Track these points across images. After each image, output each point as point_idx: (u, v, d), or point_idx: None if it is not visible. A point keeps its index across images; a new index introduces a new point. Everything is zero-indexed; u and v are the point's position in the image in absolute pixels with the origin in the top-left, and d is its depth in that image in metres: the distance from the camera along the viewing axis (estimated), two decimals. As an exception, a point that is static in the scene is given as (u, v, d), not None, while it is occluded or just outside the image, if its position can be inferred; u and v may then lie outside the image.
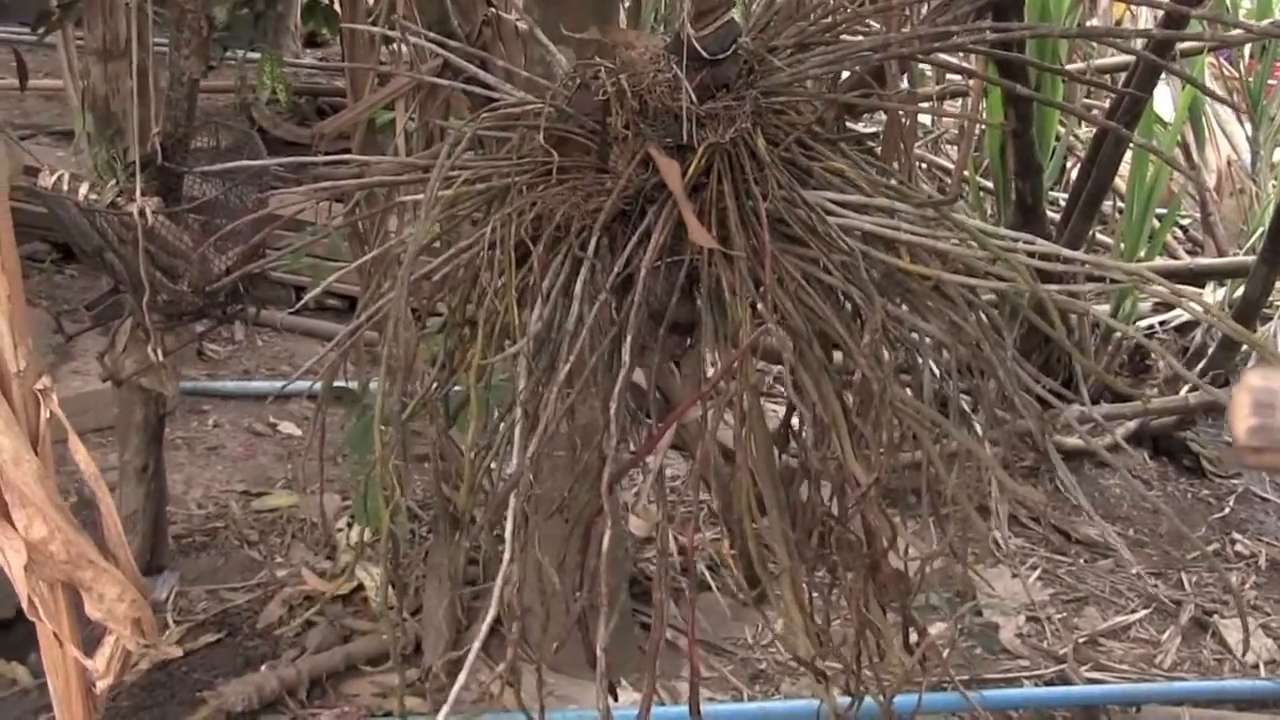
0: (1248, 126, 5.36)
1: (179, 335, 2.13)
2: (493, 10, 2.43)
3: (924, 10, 1.70)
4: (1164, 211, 4.56)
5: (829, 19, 1.53)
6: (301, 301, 1.68)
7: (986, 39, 1.42)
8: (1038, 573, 3.43)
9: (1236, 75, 5.40)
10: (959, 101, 4.59)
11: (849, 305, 1.47)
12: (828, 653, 1.53)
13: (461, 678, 1.39)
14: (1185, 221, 5.45)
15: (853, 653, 1.50)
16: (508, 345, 1.48)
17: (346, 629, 2.62)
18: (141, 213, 1.86)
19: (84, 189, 2.02)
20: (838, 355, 1.50)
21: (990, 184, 4.13)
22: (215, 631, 2.58)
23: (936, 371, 1.52)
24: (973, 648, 3.03)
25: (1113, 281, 1.44)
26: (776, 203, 1.45)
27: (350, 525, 2.94)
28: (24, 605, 0.91)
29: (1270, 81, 5.20)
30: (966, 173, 4.03)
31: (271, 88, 5.51)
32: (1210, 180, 5.08)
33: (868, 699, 1.61)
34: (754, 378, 1.46)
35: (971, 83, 3.35)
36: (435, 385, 1.68)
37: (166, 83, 2.26)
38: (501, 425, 1.52)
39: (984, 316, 1.50)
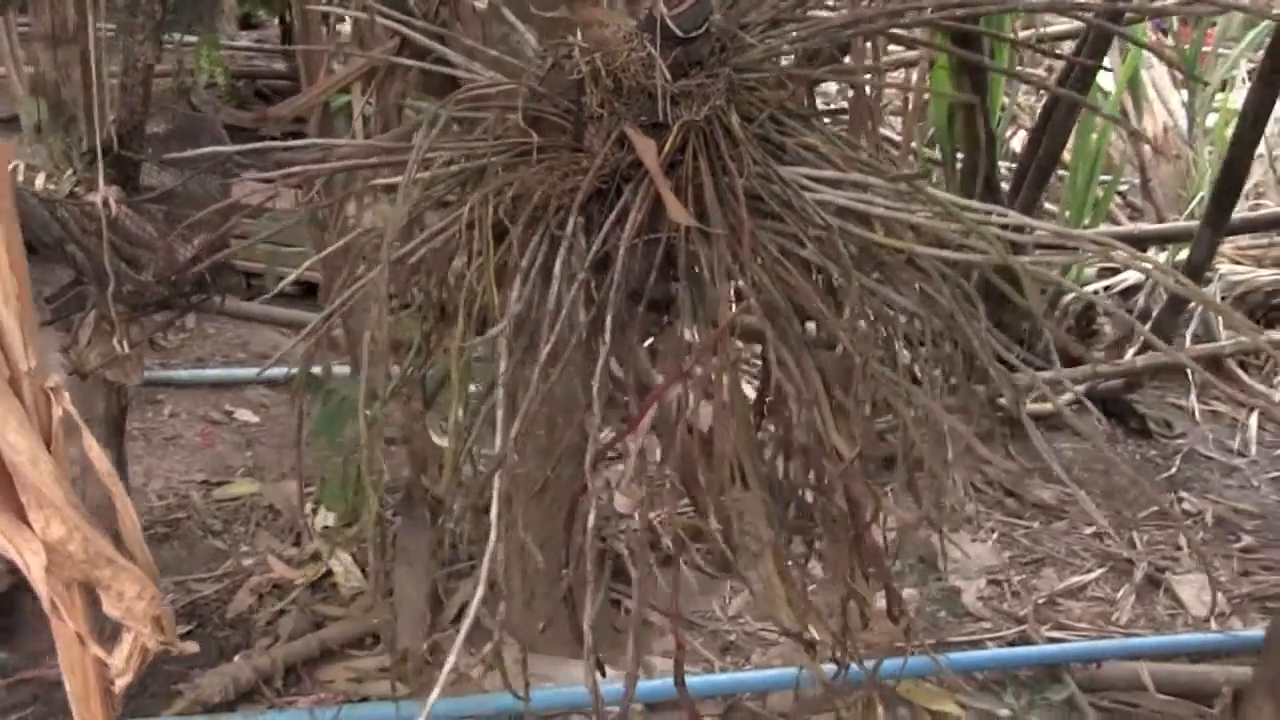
0: (1183, 94, 5.46)
1: (143, 326, 2.10)
2: (452, -10, 2.41)
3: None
4: (1106, 179, 4.63)
5: (799, -5, 1.54)
6: (279, 287, 1.67)
7: (955, 14, 1.44)
8: (995, 536, 3.50)
9: (1170, 44, 5.50)
10: (901, 73, 4.63)
11: (824, 280, 1.49)
12: (810, 623, 1.55)
13: (451, 659, 1.39)
14: (1123, 188, 5.54)
15: (835, 622, 1.52)
16: (487, 326, 1.49)
17: (318, 615, 2.62)
18: (105, 202, 1.83)
19: (40, 180, 1.99)
20: (811, 328, 1.52)
21: (938, 155, 4.17)
22: (185, 623, 2.56)
23: (909, 342, 1.55)
24: (937, 611, 3.09)
25: (1081, 250, 1.47)
26: (752, 179, 1.46)
27: (315, 511, 2.93)
28: (45, 607, 0.90)
29: (1204, 49, 5.30)
30: (914, 144, 4.06)
31: (209, 71, 5.45)
32: (1149, 147, 5.16)
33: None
34: (734, 353, 1.47)
35: (920, 54, 3.38)
36: (411, 369, 1.68)
37: (119, 69, 2.22)
38: (482, 407, 1.52)
39: (957, 288, 1.53)
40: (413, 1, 2.40)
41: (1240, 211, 4.29)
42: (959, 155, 3.80)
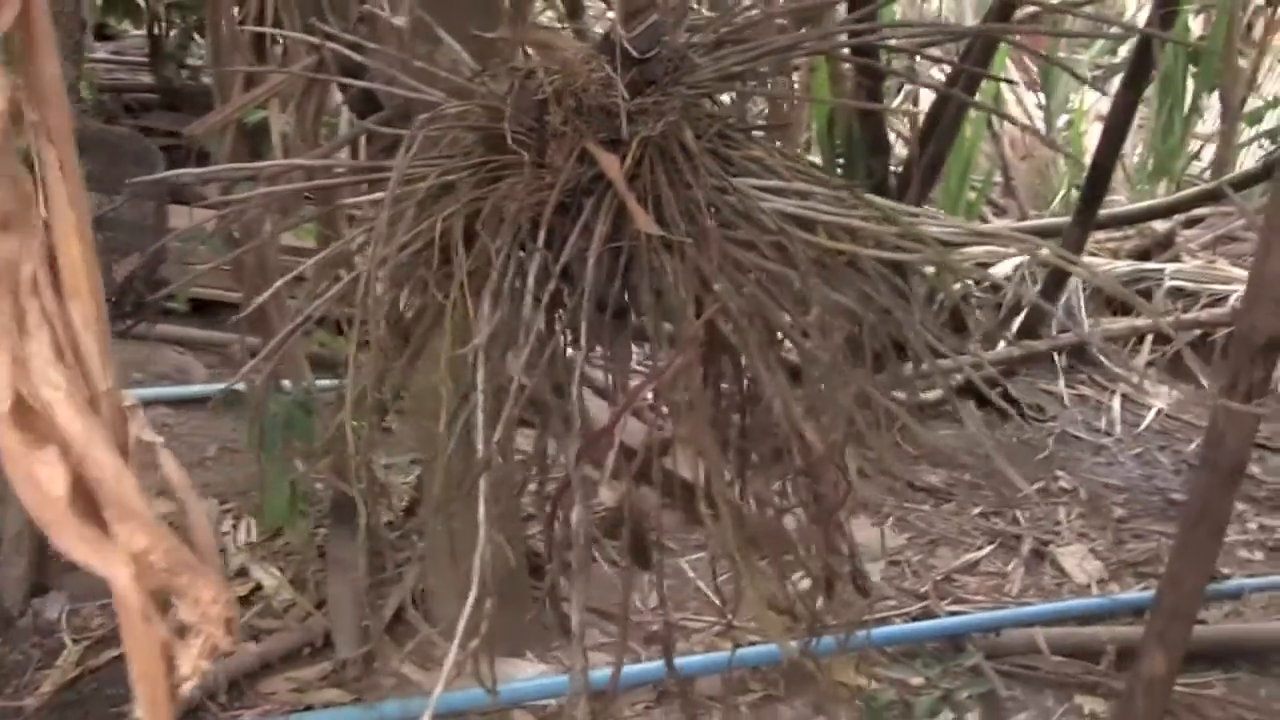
0: (1039, 96, 5.77)
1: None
2: (367, 7, 2.47)
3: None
4: (976, 180, 4.89)
5: (743, 18, 1.65)
6: (252, 305, 1.71)
7: (883, 35, 1.57)
8: (891, 520, 3.68)
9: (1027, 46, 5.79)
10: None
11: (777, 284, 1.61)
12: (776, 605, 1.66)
13: (451, 652, 1.45)
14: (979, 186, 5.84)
15: (807, 599, 1.63)
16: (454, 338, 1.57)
17: (254, 629, 2.64)
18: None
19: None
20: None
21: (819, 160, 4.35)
22: (117, 646, 2.55)
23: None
24: (847, 592, 3.24)
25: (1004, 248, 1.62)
26: (708, 191, 1.57)
27: (235, 527, 2.94)
28: (136, 618, 0.95)
29: (1060, 53, 5.61)
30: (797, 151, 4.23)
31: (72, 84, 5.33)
32: (1009, 148, 5.45)
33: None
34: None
35: (804, 62, 3.53)
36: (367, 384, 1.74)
37: None
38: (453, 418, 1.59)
39: (893, 286, 1.66)
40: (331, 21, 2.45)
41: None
42: (839, 160, 3.98)
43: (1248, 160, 5.85)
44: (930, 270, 1.67)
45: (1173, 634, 2.12)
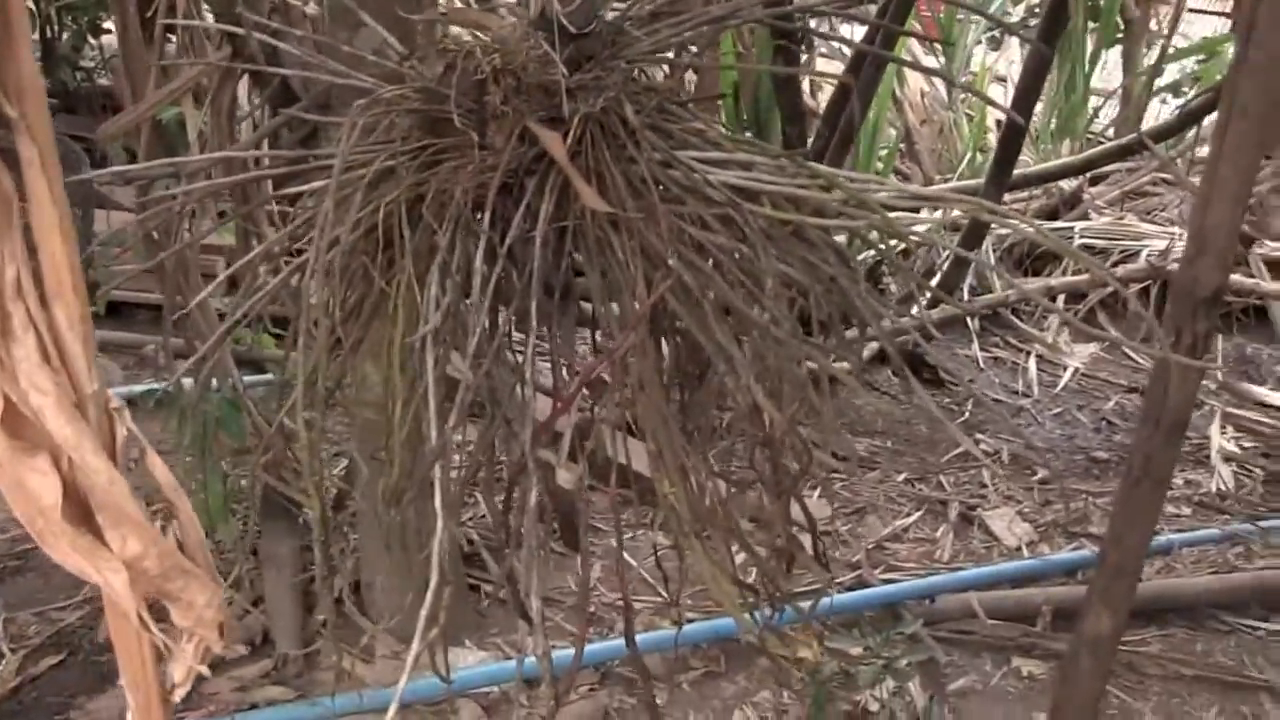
0: (938, 59, 5.82)
1: None
2: (279, -5, 2.40)
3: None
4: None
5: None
6: (190, 305, 1.64)
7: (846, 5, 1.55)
8: (818, 491, 3.69)
9: (929, 12, 5.85)
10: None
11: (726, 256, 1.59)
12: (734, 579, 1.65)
13: (416, 639, 1.42)
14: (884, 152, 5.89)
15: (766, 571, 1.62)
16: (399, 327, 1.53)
17: (189, 632, 2.56)
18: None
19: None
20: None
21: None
22: (55, 653, 2.48)
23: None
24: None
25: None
26: (653, 165, 1.54)
27: (164, 529, 2.84)
28: (134, 622, 0.91)
29: (958, 17, 5.67)
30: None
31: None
32: (911, 114, 5.50)
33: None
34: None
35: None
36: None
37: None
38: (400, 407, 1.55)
39: (837, 254, 1.65)
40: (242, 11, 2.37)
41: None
42: (746, 130, 3.98)
43: (1150, 116, 5.97)
44: (873, 235, 1.66)
45: (1117, 592, 2.14)
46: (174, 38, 2.62)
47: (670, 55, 1.68)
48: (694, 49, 1.74)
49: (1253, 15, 1.74)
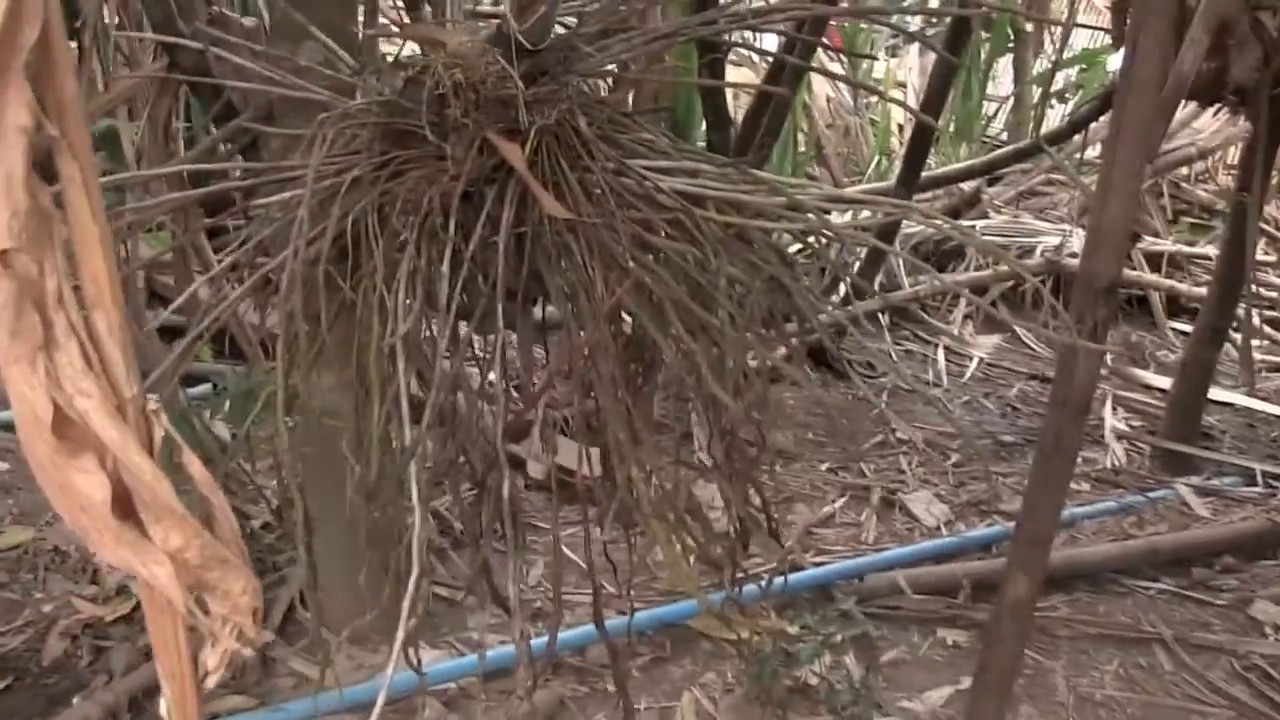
0: (842, 66, 6.01)
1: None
2: (217, 9, 2.45)
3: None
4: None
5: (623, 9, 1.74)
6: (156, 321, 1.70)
7: (775, 20, 1.67)
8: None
9: (834, 23, 6.03)
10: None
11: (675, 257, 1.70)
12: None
13: (399, 635, 1.50)
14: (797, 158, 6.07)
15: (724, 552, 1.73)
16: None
17: (145, 645, 2.60)
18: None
19: None
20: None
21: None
22: (2, 678, 2.48)
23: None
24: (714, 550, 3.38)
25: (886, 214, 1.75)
26: (606, 174, 1.65)
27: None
28: (181, 611, 0.98)
29: (861, 25, 5.87)
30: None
31: None
32: (818, 118, 5.68)
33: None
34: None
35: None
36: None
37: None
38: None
39: (778, 254, 1.77)
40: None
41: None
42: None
43: (1045, 120, 6.24)
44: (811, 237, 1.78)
45: (1034, 559, 2.30)
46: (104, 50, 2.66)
47: (618, 69, 1.79)
48: (639, 63, 1.85)
49: (1135, 38, 1.91)
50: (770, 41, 4.64)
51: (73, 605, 2.73)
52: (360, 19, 2.41)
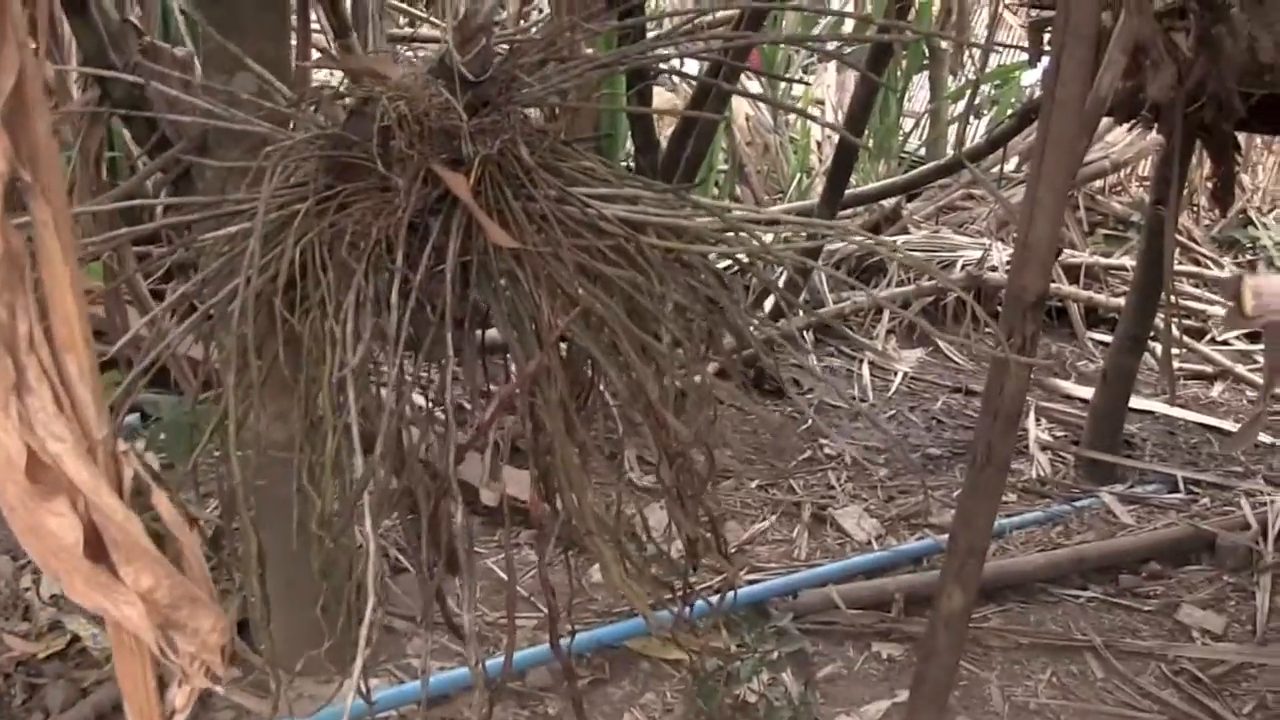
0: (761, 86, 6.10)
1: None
2: (149, 39, 2.44)
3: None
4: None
5: (563, 39, 1.76)
6: (115, 347, 1.69)
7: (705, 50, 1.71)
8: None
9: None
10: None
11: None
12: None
13: (359, 659, 1.50)
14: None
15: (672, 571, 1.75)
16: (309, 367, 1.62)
17: (79, 680, 2.56)
18: None
19: None
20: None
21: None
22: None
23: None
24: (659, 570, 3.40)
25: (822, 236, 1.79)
26: (549, 202, 1.67)
27: (37, 582, 2.82)
28: (155, 652, 0.97)
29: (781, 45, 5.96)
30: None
31: None
32: (739, 136, 5.75)
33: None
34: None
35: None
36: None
37: None
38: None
39: (716, 277, 1.80)
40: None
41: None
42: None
43: (964, 136, 6.37)
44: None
45: (968, 570, 2.35)
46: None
47: (558, 98, 1.81)
48: (578, 92, 1.87)
49: (1058, 60, 1.98)
50: (694, 65, 4.70)
51: (4, 643, 2.67)
52: (293, 49, 2.41)
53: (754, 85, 6.06)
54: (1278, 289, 1.54)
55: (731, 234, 1.79)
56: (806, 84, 6.31)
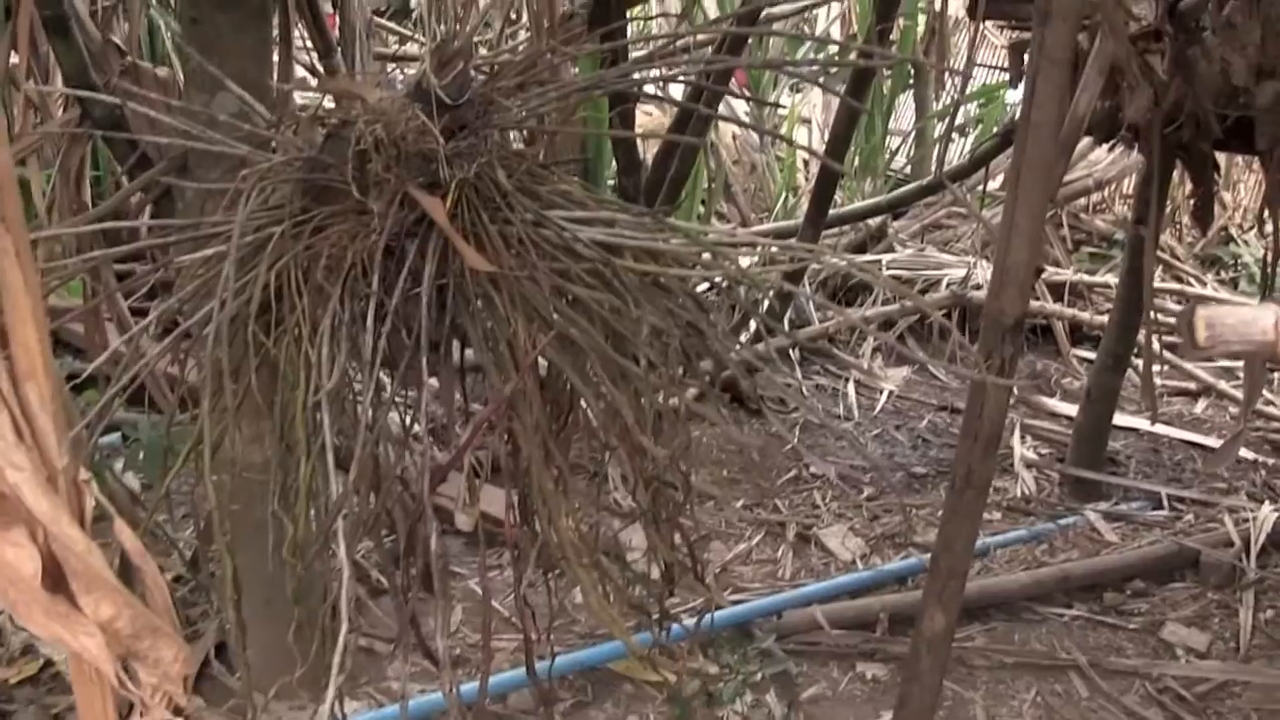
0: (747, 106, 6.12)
1: None
2: (130, 59, 2.43)
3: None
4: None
5: (543, 62, 1.77)
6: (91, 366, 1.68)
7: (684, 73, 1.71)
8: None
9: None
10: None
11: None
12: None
13: (332, 679, 1.49)
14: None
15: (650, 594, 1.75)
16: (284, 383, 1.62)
17: (51, 706, 2.54)
18: None
19: None
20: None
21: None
22: None
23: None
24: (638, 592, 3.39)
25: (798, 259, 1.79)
26: (526, 226, 1.67)
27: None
28: (113, 684, 0.97)
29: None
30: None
31: None
32: (726, 157, 5.76)
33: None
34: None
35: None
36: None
37: None
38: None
39: (694, 301, 1.80)
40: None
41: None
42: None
43: (948, 155, 6.40)
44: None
45: (949, 592, 2.35)
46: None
47: (535, 122, 1.81)
48: (556, 116, 1.87)
49: (1033, 84, 1.99)
50: (678, 87, 4.71)
51: (-25, 668, 2.66)
52: (274, 70, 2.41)
53: (739, 104, 6.08)
54: (1229, 320, 1.55)
55: (709, 257, 1.80)
56: (784, 108, 6.33)
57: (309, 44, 3.16)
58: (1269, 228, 3.29)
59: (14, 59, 2.42)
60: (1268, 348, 1.56)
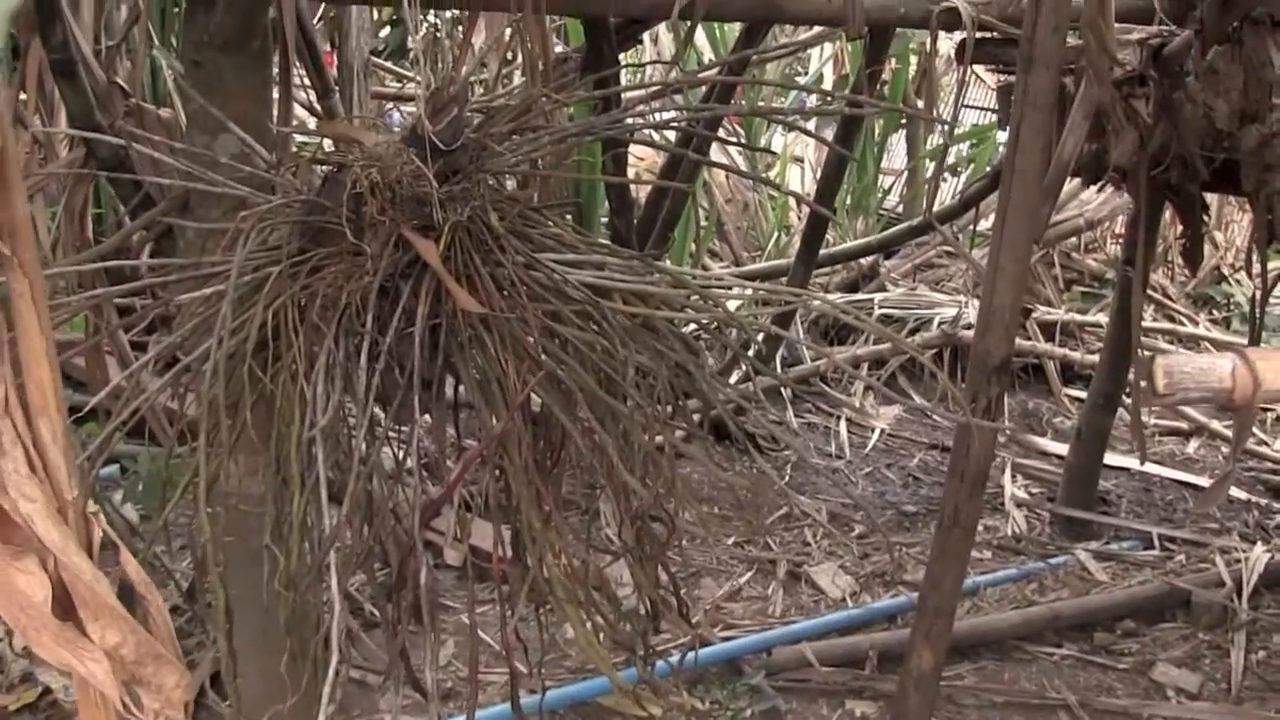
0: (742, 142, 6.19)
1: None
2: (134, 101, 2.48)
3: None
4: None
5: (536, 108, 1.81)
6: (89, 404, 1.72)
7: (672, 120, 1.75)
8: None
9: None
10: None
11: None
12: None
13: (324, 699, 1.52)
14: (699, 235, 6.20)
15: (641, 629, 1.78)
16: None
17: (51, 734, 2.56)
18: None
19: None
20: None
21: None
22: None
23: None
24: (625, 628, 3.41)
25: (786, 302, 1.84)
26: (517, 268, 1.71)
27: (10, 635, 2.83)
28: (118, 708, 1.00)
29: (760, 103, 6.05)
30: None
31: None
32: (720, 196, 5.83)
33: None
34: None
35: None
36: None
37: None
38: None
39: (683, 342, 1.84)
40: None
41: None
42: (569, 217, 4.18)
43: (939, 194, 6.47)
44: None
45: (937, 631, 2.38)
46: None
47: (528, 167, 1.85)
48: (548, 161, 1.92)
49: (1017, 130, 2.04)
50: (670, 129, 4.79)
51: (-27, 697, 2.68)
52: (274, 112, 2.45)
53: (734, 151, 6.15)
54: (1187, 369, 1.59)
55: (697, 299, 1.84)
56: (776, 153, 6.40)
57: (307, 83, 3.22)
58: (1257, 268, 3.34)
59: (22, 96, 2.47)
60: (1224, 395, 1.60)
